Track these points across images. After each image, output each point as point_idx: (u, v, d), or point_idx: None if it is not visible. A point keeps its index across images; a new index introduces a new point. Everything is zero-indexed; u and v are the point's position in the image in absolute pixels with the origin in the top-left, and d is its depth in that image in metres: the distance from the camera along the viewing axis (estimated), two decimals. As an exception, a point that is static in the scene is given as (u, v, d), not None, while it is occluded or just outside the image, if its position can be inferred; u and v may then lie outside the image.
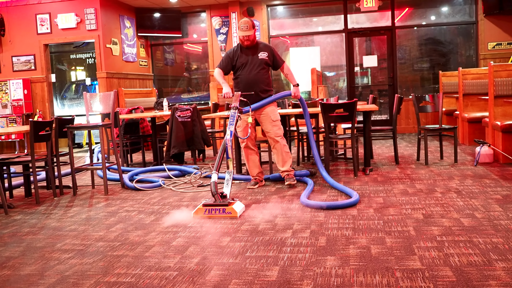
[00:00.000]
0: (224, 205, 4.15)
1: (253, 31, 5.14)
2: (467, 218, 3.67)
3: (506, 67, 6.31)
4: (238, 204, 4.28)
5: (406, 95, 10.47)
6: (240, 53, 5.32)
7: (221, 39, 10.77)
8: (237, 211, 4.13)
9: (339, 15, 10.56)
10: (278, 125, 5.24)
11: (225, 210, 4.13)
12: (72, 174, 5.49)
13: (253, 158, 5.35)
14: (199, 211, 4.21)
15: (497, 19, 9.88)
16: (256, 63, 5.22)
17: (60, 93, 11.51)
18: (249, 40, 5.18)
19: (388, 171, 5.87)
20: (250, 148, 5.33)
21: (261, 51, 5.25)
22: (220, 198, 4.22)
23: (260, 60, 5.22)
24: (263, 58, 5.22)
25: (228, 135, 4.75)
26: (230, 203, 4.20)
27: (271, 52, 5.30)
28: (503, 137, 5.95)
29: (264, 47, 5.32)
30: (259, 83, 5.20)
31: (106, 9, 9.54)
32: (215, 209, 4.16)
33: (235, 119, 4.89)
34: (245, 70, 5.25)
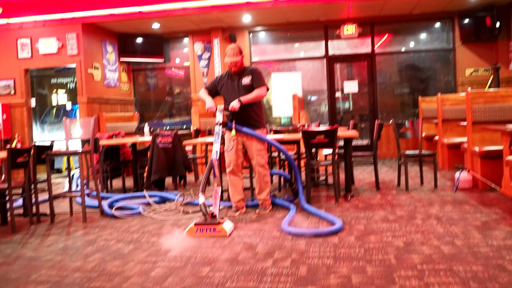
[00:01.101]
0: (214, 224, 4.39)
1: (240, 57, 5.16)
2: (447, 246, 3.67)
3: (483, 94, 6.43)
4: (228, 223, 4.52)
5: (387, 119, 10.58)
6: (226, 79, 5.35)
7: (203, 64, 10.82)
8: (227, 230, 4.36)
9: (320, 41, 10.70)
10: (262, 154, 5.24)
11: (216, 229, 4.37)
12: (50, 201, 5.39)
13: (237, 184, 5.32)
14: (191, 230, 4.44)
15: (474, 46, 10.11)
16: (240, 89, 5.22)
17: (40, 118, 11.39)
18: (236, 66, 5.20)
19: (369, 197, 5.88)
20: (235, 173, 5.31)
21: (245, 77, 5.24)
22: (211, 217, 4.46)
23: (243, 86, 5.22)
24: (245, 84, 5.22)
25: (214, 154, 4.79)
26: (220, 222, 4.43)
27: (253, 76, 5.23)
28: (482, 163, 6.02)
29: (249, 71, 5.27)
30: (246, 110, 5.18)
31: (88, 34, 9.53)
32: (206, 228, 4.39)
33: (220, 135, 4.92)
34: (229, 96, 5.27)
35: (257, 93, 5.17)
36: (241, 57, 5.19)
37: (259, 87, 5.19)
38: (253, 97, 5.15)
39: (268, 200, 5.37)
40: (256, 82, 5.21)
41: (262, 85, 5.22)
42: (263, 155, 5.25)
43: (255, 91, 5.17)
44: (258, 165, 5.23)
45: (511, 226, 4.15)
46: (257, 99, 5.22)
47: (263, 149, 5.25)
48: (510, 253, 3.42)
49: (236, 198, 5.34)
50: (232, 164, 5.28)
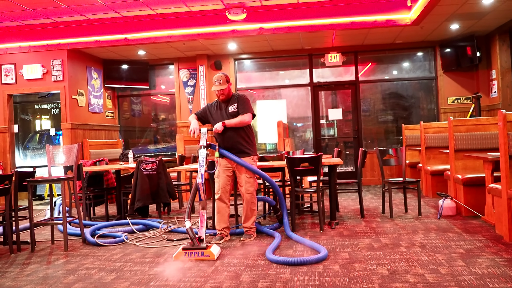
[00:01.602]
0: (202, 249, 4.47)
1: (226, 85, 5.20)
2: (431, 274, 3.67)
3: (465, 122, 6.52)
4: (215, 247, 4.60)
5: (371, 146, 10.67)
6: (215, 108, 5.39)
7: (188, 91, 10.85)
8: (215, 254, 4.46)
9: (305, 69, 10.83)
10: (251, 182, 5.22)
11: (204, 253, 4.45)
12: (31, 229, 5.29)
13: (223, 212, 5.29)
14: (179, 254, 4.51)
15: (455, 75, 10.30)
16: (228, 116, 5.24)
17: (23, 143, 11.27)
18: (224, 94, 5.23)
19: (353, 224, 5.88)
20: (222, 200, 5.28)
21: (232, 104, 5.26)
22: (199, 242, 4.53)
23: (229, 113, 5.24)
24: (232, 111, 5.23)
25: (199, 178, 4.80)
26: (208, 246, 4.52)
27: (239, 103, 5.24)
28: (465, 190, 6.08)
29: (236, 99, 5.28)
30: (234, 136, 5.20)
31: (73, 60, 9.54)
32: (194, 253, 4.47)
33: (205, 159, 4.92)
34: (216, 123, 5.29)
35: (240, 118, 5.17)
36: (227, 85, 5.22)
37: (243, 113, 5.20)
38: (237, 122, 5.15)
39: (253, 228, 5.34)
40: (241, 108, 5.22)
41: (246, 111, 5.22)
42: (252, 183, 5.23)
43: (239, 117, 5.18)
44: (246, 193, 5.22)
45: (494, 254, 4.17)
46: (241, 124, 5.19)
47: (252, 176, 5.24)
48: (494, 281, 3.43)
49: (221, 226, 5.30)
50: (220, 191, 5.27)
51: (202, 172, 4.88)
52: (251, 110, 5.28)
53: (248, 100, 5.33)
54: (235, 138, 5.21)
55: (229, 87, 5.27)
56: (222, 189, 5.27)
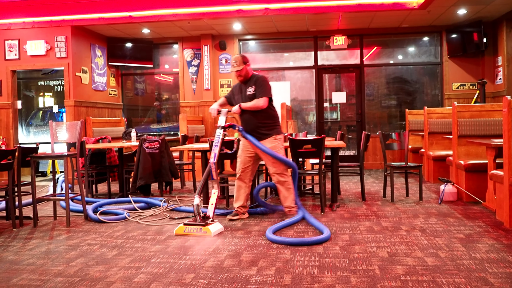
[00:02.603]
0: (201, 225, 4.56)
1: (243, 66, 5.14)
2: (431, 257, 3.69)
3: (469, 108, 6.50)
4: (216, 225, 4.66)
5: (374, 131, 10.66)
6: (238, 89, 5.37)
7: (192, 71, 10.82)
8: (212, 231, 4.51)
9: (310, 51, 10.77)
10: (278, 162, 5.17)
11: (202, 229, 4.54)
12: (34, 204, 5.32)
13: (241, 191, 5.33)
14: (179, 229, 4.65)
15: (460, 61, 10.24)
16: (246, 99, 5.21)
17: (26, 120, 11.28)
18: (241, 75, 5.19)
19: (354, 207, 5.90)
20: (242, 180, 5.32)
21: (249, 87, 5.20)
22: (201, 219, 4.64)
23: (248, 96, 5.19)
24: (250, 93, 5.18)
25: (212, 158, 4.88)
26: (208, 223, 4.59)
27: (256, 85, 5.15)
28: (466, 176, 6.08)
29: (254, 80, 5.20)
30: (252, 119, 5.16)
31: (77, 37, 9.49)
32: (193, 228, 4.59)
33: (220, 139, 4.97)
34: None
35: (255, 103, 5.09)
36: (244, 66, 5.16)
37: (260, 97, 5.11)
38: (251, 106, 5.10)
39: (294, 207, 5.27)
40: (258, 92, 5.13)
41: (263, 95, 5.11)
42: (279, 163, 5.17)
43: (254, 101, 5.11)
44: (275, 174, 5.19)
45: (494, 239, 4.19)
46: (255, 108, 5.11)
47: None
48: (493, 266, 3.45)
49: (237, 204, 5.34)
50: (240, 171, 5.30)
51: (215, 152, 4.94)
52: (268, 93, 5.16)
53: (266, 83, 5.19)
54: (254, 121, 5.17)
55: (246, 68, 5.19)
56: (242, 169, 5.30)
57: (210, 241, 4.39)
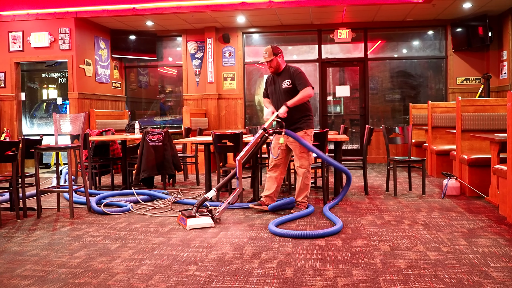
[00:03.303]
0: (186, 217, 4.64)
1: (273, 57, 5.08)
2: (433, 252, 3.70)
3: (473, 102, 6.48)
4: (199, 219, 4.62)
5: (378, 125, 10.64)
6: (271, 80, 5.33)
7: (196, 63, 10.80)
8: (188, 224, 4.55)
9: (314, 45, 10.74)
10: (305, 157, 5.16)
11: (184, 221, 4.64)
12: (37, 196, 5.35)
13: (270, 181, 5.35)
14: (178, 217, 4.89)
15: (465, 55, 10.20)
16: (281, 93, 5.17)
17: (29, 112, 11.30)
18: (272, 66, 5.15)
19: (357, 201, 5.90)
20: (273, 171, 5.34)
21: (285, 80, 5.14)
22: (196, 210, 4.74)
23: (283, 90, 5.15)
24: (285, 87, 5.13)
25: (239, 156, 4.97)
26: (192, 216, 4.63)
27: (293, 78, 5.09)
28: (470, 171, 6.07)
29: (288, 74, 5.14)
30: (292, 112, 5.10)
31: (80, 29, 9.48)
32: (182, 218, 4.73)
33: (255, 139, 5.04)
34: (274, 99, 5.28)
35: (302, 95, 5.04)
36: (275, 57, 5.09)
37: (302, 88, 5.04)
38: (299, 99, 5.03)
39: (304, 203, 5.29)
40: (298, 84, 5.07)
41: (305, 85, 5.05)
42: (307, 157, 5.17)
43: (300, 93, 5.03)
44: (301, 167, 5.19)
45: (496, 234, 4.19)
46: (303, 100, 5.07)
47: (305, 151, 5.16)
48: (495, 260, 3.45)
49: (265, 193, 5.37)
50: (272, 163, 5.34)
51: (244, 150, 5.02)
52: (309, 82, 5.12)
53: (303, 73, 5.15)
54: (295, 114, 5.13)
55: (277, 59, 5.12)
56: (275, 161, 5.30)
57: (213, 233, 4.41)
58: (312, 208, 5.28)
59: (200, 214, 4.67)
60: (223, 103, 10.83)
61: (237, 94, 10.78)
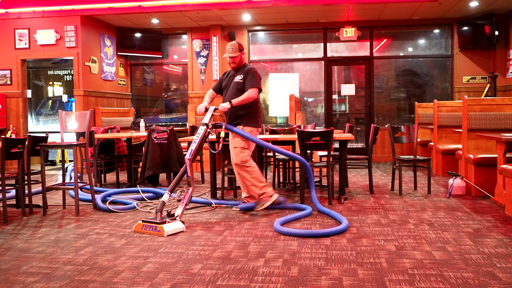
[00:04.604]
0: (156, 223, 4.38)
1: (238, 54, 5.15)
2: (438, 251, 3.69)
3: (480, 101, 6.45)
4: (174, 224, 4.43)
5: (383, 124, 10.61)
6: (227, 75, 5.37)
7: (201, 61, 10.80)
8: (166, 230, 4.30)
9: (319, 43, 10.71)
10: (236, 153, 5.11)
11: (156, 228, 4.36)
12: (43, 193, 5.37)
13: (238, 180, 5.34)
14: (138, 226, 4.50)
15: (471, 54, 10.15)
16: (233, 87, 5.21)
17: (35, 109, 11.35)
18: (235, 62, 5.19)
19: (362, 200, 5.89)
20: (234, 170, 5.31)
21: (239, 75, 5.21)
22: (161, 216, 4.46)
23: (234, 83, 5.21)
24: (236, 81, 5.19)
25: (188, 153, 4.81)
26: (164, 222, 4.39)
27: (246, 75, 5.14)
28: (476, 170, 6.05)
29: (245, 70, 5.20)
30: (234, 110, 5.14)
31: (86, 27, 9.50)
32: (150, 226, 4.41)
33: (200, 136, 4.92)
34: (225, 93, 5.31)
35: (246, 95, 5.06)
36: (240, 54, 5.17)
37: (250, 87, 5.07)
38: (243, 100, 5.05)
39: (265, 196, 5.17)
40: (248, 82, 5.10)
41: (253, 86, 5.08)
42: (238, 154, 5.10)
43: (245, 93, 5.07)
44: (234, 164, 5.16)
45: (502, 234, 4.17)
46: (247, 101, 5.07)
47: (239, 147, 5.10)
48: (501, 261, 3.43)
49: (243, 194, 5.39)
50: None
51: (192, 148, 4.84)
52: (258, 84, 5.13)
53: (257, 74, 5.19)
54: (235, 111, 5.15)
55: (241, 56, 5.20)
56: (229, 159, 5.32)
57: (218, 231, 4.41)
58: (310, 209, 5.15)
59: (169, 219, 4.47)
60: (228, 101, 10.80)
61: (242, 92, 10.76)
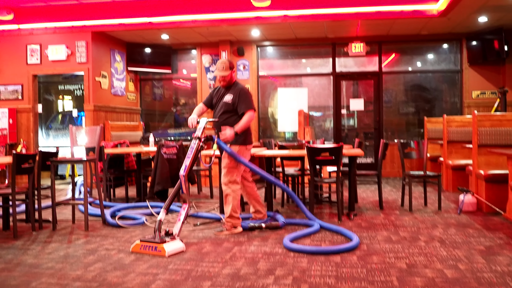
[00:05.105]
0: (156, 243, 4.25)
1: (229, 72, 5.10)
2: (450, 270, 3.65)
3: (490, 117, 6.42)
4: (174, 244, 4.32)
5: (392, 138, 10.58)
6: (217, 92, 5.32)
7: (210, 76, 10.86)
8: (167, 250, 4.18)
9: (328, 58, 10.74)
10: (225, 172, 5.06)
11: (156, 248, 4.23)
12: (53, 209, 5.38)
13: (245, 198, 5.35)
14: (136, 246, 4.36)
15: (481, 69, 10.12)
16: (222, 106, 5.18)
17: (45, 123, 11.42)
18: (225, 80, 5.15)
19: (372, 216, 5.85)
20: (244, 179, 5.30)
21: (228, 94, 5.15)
22: (160, 236, 4.32)
23: (223, 103, 5.16)
24: (226, 100, 5.13)
25: (182, 169, 4.72)
26: (164, 241, 4.27)
27: (237, 96, 5.08)
28: (487, 186, 6.00)
29: (235, 90, 5.14)
30: (220, 126, 5.10)
31: (97, 42, 9.60)
32: (149, 246, 4.28)
33: (194, 151, 4.82)
34: (215, 110, 5.28)
35: (247, 118, 5.01)
36: (230, 72, 5.11)
37: (246, 110, 5.04)
38: (244, 124, 5.00)
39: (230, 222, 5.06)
40: (242, 104, 5.05)
41: (249, 108, 5.05)
42: (226, 174, 5.06)
43: (245, 117, 5.01)
44: (222, 183, 5.13)
45: (515, 252, 4.12)
46: (248, 124, 5.04)
47: (228, 167, 5.05)
48: (514, 279, 3.39)
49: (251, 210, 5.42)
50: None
51: (187, 164, 4.73)
52: (252, 105, 5.10)
53: (249, 94, 5.15)
54: (220, 128, 5.09)
55: (232, 74, 5.15)
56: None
57: (227, 248, 4.39)
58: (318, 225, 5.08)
59: (169, 239, 4.37)
60: (237, 115, 10.84)
61: (251, 107, 10.79)
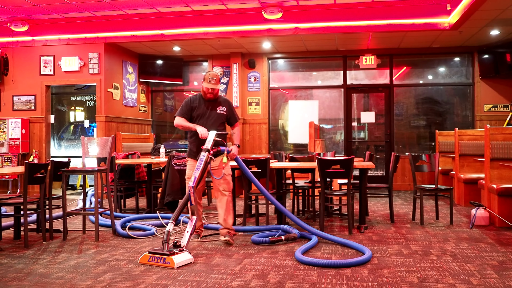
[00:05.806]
0: (165, 255, 4.22)
1: (219, 85, 5.24)
2: (462, 284, 3.60)
3: (502, 130, 6.37)
4: (183, 255, 4.29)
5: (403, 151, 10.53)
6: (198, 104, 5.26)
7: (221, 88, 10.90)
8: (176, 262, 4.16)
9: (339, 70, 10.76)
10: (229, 180, 5.22)
11: (165, 260, 4.20)
12: (64, 219, 5.41)
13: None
14: (144, 258, 4.33)
15: (493, 82, 10.08)
16: (214, 117, 5.21)
17: (57, 133, 11.53)
18: (213, 93, 5.19)
19: (383, 229, 5.81)
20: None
21: (219, 106, 5.27)
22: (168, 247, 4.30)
23: (218, 115, 5.23)
24: (221, 112, 5.25)
25: (192, 181, 4.72)
26: (174, 253, 4.24)
27: (229, 108, 5.35)
28: (499, 200, 5.94)
29: (224, 102, 5.34)
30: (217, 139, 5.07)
31: (109, 54, 9.69)
32: (157, 258, 4.26)
33: (203, 163, 4.79)
34: (204, 123, 5.16)
35: (239, 130, 5.54)
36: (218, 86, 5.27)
37: (236, 122, 5.42)
38: (239, 138, 5.49)
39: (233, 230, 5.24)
40: (232, 115, 5.39)
41: (237, 120, 5.45)
42: (229, 181, 5.24)
43: (237, 129, 5.44)
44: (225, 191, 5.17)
45: (528, 267, 4.06)
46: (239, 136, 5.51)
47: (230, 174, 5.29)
48: (528, 295, 3.34)
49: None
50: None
51: (196, 176, 4.73)
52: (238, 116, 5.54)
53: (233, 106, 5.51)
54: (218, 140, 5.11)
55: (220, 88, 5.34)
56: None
57: (237, 260, 4.38)
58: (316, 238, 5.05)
59: (178, 251, 4.34)
60: (248, 127, 10.88)
61: (261, 119, 10.83)
